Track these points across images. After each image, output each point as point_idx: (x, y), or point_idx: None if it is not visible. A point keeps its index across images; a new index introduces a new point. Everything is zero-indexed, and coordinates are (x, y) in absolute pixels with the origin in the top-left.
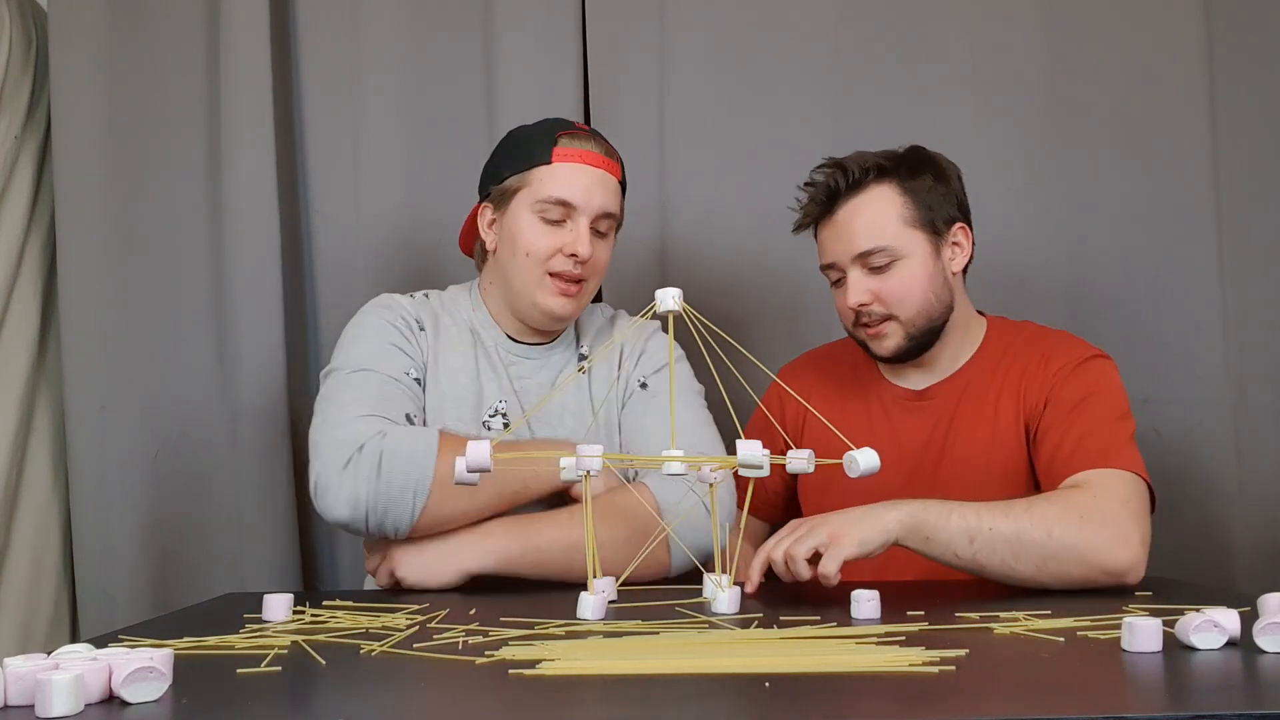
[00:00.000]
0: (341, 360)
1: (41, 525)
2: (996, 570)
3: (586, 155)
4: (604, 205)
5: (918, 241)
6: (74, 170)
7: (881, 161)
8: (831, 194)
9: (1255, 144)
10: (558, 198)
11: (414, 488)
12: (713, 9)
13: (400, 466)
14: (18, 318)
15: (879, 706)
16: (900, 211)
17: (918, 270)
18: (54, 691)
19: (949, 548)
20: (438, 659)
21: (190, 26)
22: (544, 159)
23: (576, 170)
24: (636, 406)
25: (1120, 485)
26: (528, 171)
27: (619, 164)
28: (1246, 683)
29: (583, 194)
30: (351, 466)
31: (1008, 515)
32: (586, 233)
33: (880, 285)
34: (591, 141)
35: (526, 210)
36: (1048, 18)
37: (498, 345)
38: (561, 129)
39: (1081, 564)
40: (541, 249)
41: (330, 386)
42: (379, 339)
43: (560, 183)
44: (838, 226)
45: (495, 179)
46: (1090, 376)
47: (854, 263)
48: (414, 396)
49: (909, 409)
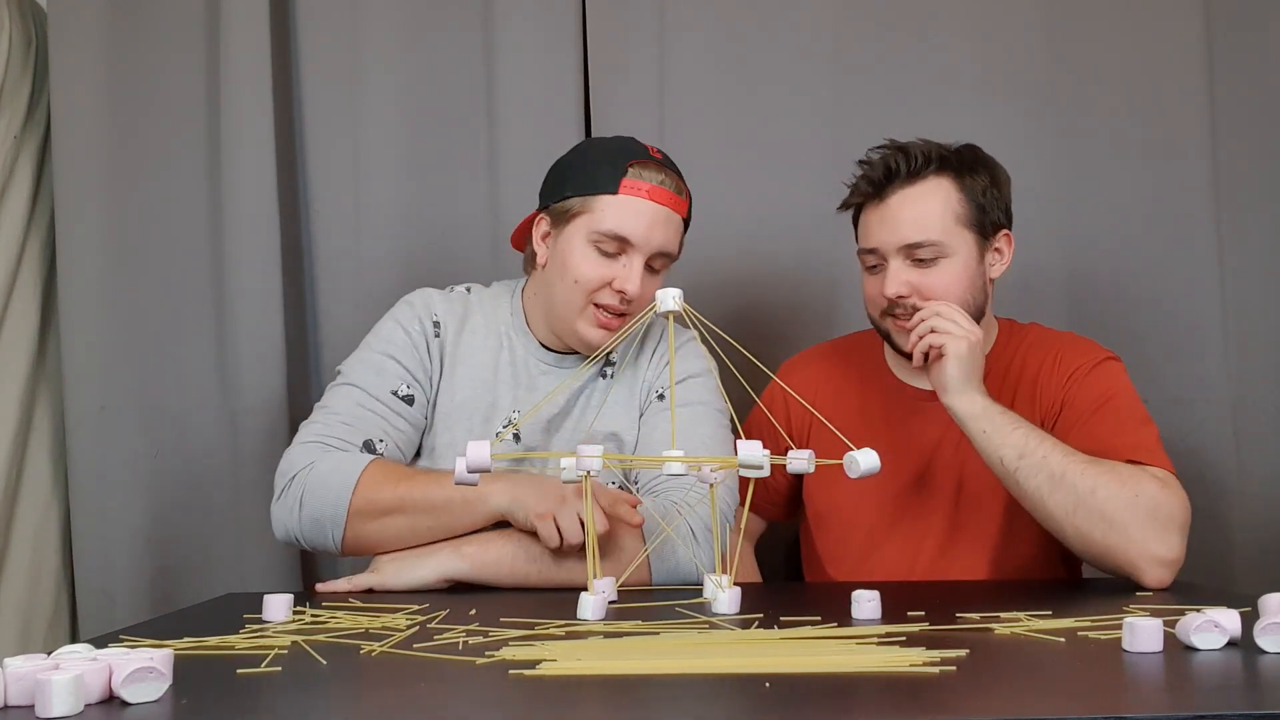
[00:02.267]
0: (348, 364)
1: (41, 525)
2: (1030, 495)
3: (655, 192)
4: (663, 245)
5: (965, 241)
6: (74, 170)
7: (944, 153)
8: (889, 175)
9: (1255, 144)
10: (617, 233)
11: (329, 522)
12: (713, 9)
13: (315, 502)
14: (18, 318)
15: (879, 707)
16: (955, 208)
17: (961, 270)
18: (54, 691)
19: (999, 451)
20: (438, 659)
21: (190, 26)
22: (610, 188)
23: (641, 207)
24: (650, 418)
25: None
26: (591, 197)
27: (687, 200)
28: (1247, 683)
29: (643, 233)
30: (283, 498)
31: (1066, 455)
32: (639, 271)
33: (922, 279)
34: (663, 174)
35: (582, 237)
36: (1048, 18)
37: (528, 353)
38: (633, 157)
39: (1109, 534)
40: (591, 280)
41: (325, 396)
42: (381, 349)
43: (622, 218)
44: (888, 212)
45: (557, 195)
46: (1108, 379)
47: (898, 252)
48: (392, 417)
49: (921, 408)
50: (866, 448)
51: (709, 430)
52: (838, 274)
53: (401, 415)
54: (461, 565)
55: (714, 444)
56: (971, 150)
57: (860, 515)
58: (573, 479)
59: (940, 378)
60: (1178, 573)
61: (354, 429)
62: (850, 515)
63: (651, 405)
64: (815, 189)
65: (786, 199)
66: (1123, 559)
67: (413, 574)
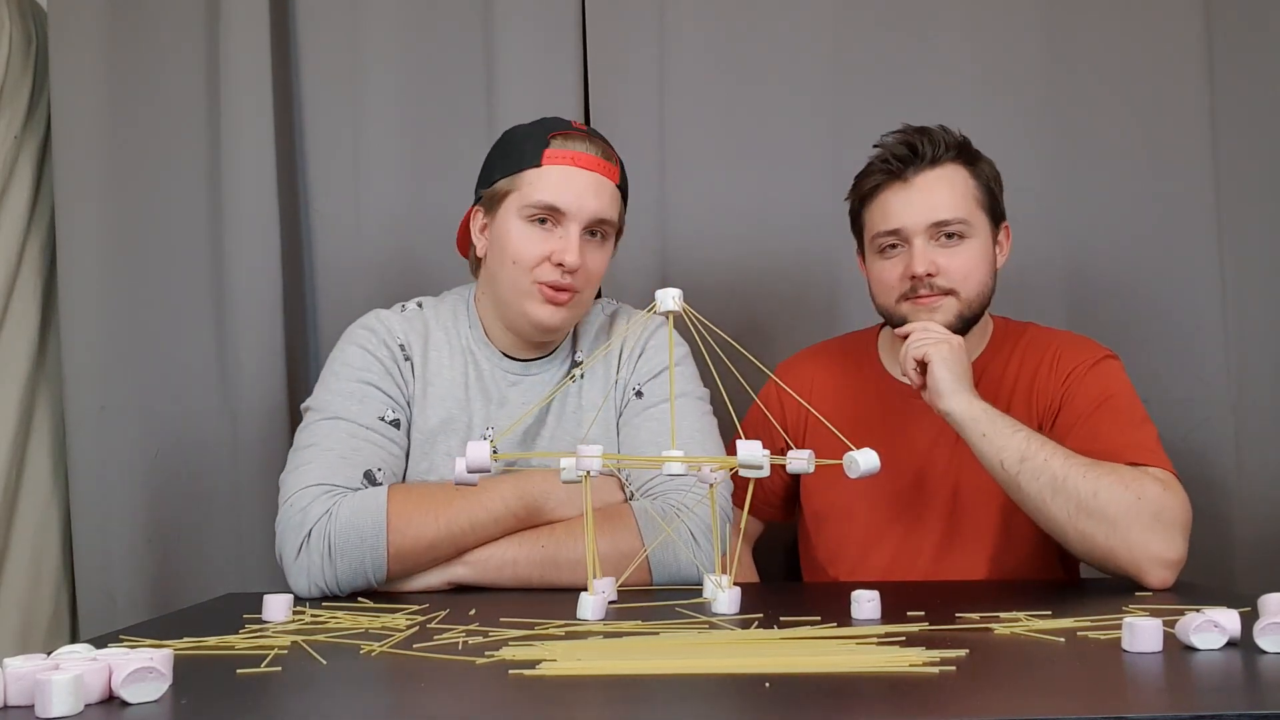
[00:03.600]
0: (319, 399)
1: (41, 525)
2: (1031, 499)
3: (579, 157)
4: (597, 211)
5: (984, 225)
6: (74, 170)
7: (962, 141)
8: (913, 155)
9: (1255, 144)
10: (546, 203)
11: (368, 566)
12: (713, 9)
13: (351, 553)
14: (18, 318)
15: (879, 707)
16: (973, 191)
17: (981, 252)
18: (54, 691)
19: (999, 455)
20: (438, 659)
21: (190, 26)
22: (534, 161)
23: (567, 174)
24: (630, 419)
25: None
26: (518, 174)
27: (618, 166)
28: (1247, 683)
29: (573, 199)
30: (304, 555)
31: (1067, 458)
32: (576, 240)
33: (948, 259)
34: (586, 142)
35: (515, 215)
36: (1048, 18)
37: (494, 366)
38: (555, 129)
39: (1111, 537)
40: (528, 256)
41: (301, 436)
42: (356, 377)
43: (549, 187)
44: (914, 192)
45: (487, 181)
46: (1107, 378)
47: (926, 231)
48: (385, 444)
49: (917, 409)
50: (866, 448)
51: (692, 423)
52: (837, 274)
53: (393, 440)
54: (464, 571)
55: (701, 436)
56: (968, 143)
57: (858, 515)
58: (573, 479)
59: (931, 384)
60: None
61: (350, 462)
62: (848, 515)
63: (630, 404)
64: (815, 189)
65: (786, 199)
66: (1126, 560)
67: (417, 578)
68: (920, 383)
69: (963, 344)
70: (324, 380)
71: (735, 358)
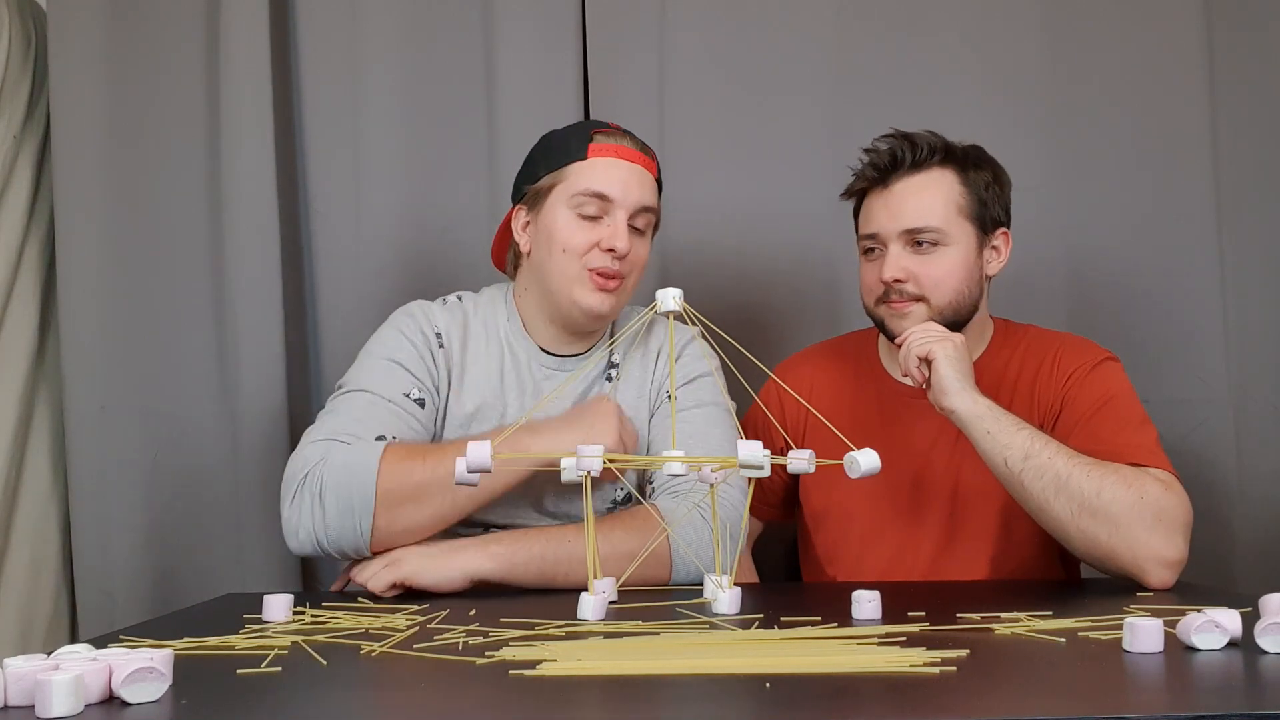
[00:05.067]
0: (349, 376)
1: (41, 525)
2: (1034, 497)
3: (622, 150)
4: (641, 199)
5: (966, 233)
6: (73, 170)
7: (949, 145)
8: (894, 163)
9: (1255, 144)
10: (595, 190)
11: (357, 510)
12: (713, 9)
13: (340, 491)
14: (17, 318)
15: (879, 707)
16: (956, 199)
17: (958, 260)
18: (54, 691)
19: (1003, 453)
20: (438, 660)
21: (190, 26)
22: (579, 154)
23: (613, 164)
24: (664, 420)
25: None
26: (563, 168)
27: (654, 161)
28: (1248, 683)
29: (620, 187)
30: (296, 499)
31: (1070, 458)
32: (624, 227)
33: (920, 266)
34: (627, 138)
35: (563, 206)
36: (1048, 18)
37: (530, 358)
38: (596, 127)
39: (1113, 536)
40: (579, 244)
41: (326, 408)
42: (385, 355)
43: (597, 176)
44: (892, 198)
45: (530, 179)
46: (1107, 379)
47: (899, 238)
48: (404, 416)
49: (917, 408)
50: (866, 448)
51: (722, 432)
52: (837, 273)
53: (414, 416)
54: (489, 565)
55: (730, 447)
56: (977, 149)
57: (857, 515)
58: (573, 479)
59: (935, 382)
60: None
61: (364, 424)
62: (847, 515)
63: (663, 406)
64: (814, 188)
65: (786, 198)
66: (1127, 560)
67: (439, 573)
68: (924, 380)
69: (964, 342)
70: (358, 359)
71: (735, 357)
